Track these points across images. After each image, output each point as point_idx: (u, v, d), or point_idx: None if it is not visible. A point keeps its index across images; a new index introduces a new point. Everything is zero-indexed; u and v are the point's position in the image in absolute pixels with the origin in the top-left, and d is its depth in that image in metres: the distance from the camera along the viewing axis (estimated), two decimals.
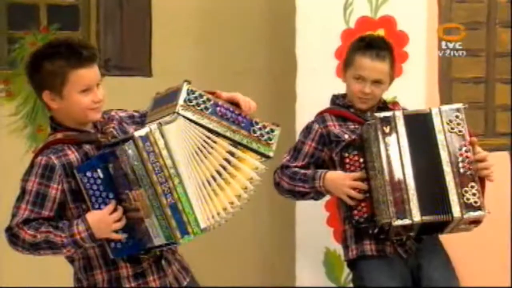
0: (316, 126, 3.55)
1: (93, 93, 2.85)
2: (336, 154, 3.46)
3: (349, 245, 3.50)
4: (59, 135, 2.88)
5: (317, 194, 3.51)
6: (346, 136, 3.46)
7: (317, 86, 4.09)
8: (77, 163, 2.83)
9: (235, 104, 2.98)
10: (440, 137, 3.32)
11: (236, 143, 2.92)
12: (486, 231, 3.60)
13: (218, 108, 2.91)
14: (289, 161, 3.55)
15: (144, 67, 4.99)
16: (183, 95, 2.86)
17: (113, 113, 3.04)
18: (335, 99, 3.62)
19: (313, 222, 4.12)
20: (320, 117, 3.58)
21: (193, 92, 2.88)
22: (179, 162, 2.76)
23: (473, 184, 3.32)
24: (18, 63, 4.88)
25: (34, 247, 2.80)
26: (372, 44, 3.49)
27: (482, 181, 3.38)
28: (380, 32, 4.08)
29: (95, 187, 2.79)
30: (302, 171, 3.49)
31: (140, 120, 3.04)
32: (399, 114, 3.34)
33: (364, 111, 3.53)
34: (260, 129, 2.98)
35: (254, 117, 2.99)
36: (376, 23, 4.09)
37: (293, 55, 4.14)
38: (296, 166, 3.53)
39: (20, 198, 2.84)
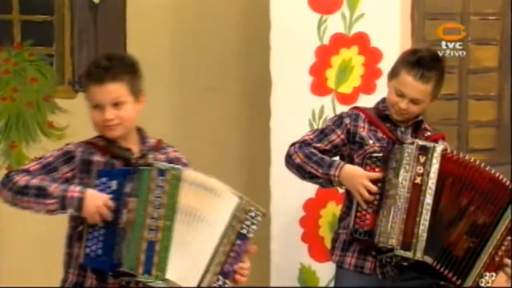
0: (347, 120, 3.49)
1: (104, 111, 2.85)
2: (358, 157, 3.43)
3: (336, 248, 3.49)
4: (101, 143, 2.91)
5: (327, 182, 3.44)
6: (371, 142, 3.42)
7: (292, 102, 4.10)
8: (97, 168, 2.86)
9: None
10: (506, 217, 3.29)
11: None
12: None
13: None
14: (312, 140, 3.49)
15: None
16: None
17: (172, 152, 3.02)
18: (380, 101, 3.55)
19: (288, 238, 4.12)
20: (355, 113, 3.52)
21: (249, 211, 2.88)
22: (180, 209, 2.76)
23: (493, 274, 3.32)
24: None
25: (21, 191, 2.79)
26: (421, 62, 3.41)
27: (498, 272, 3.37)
28: (354, 49, 4.11)
29: (103, 194, 2.80)
30: (320, 154, 3.44)
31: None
32: (438, 150, 3.28)
33: (399, 123, 3.47)
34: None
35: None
36: (350, 39, 4.10)
37: (267, 71, 4.15)
38: (318, 148, 3.47)
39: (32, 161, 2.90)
